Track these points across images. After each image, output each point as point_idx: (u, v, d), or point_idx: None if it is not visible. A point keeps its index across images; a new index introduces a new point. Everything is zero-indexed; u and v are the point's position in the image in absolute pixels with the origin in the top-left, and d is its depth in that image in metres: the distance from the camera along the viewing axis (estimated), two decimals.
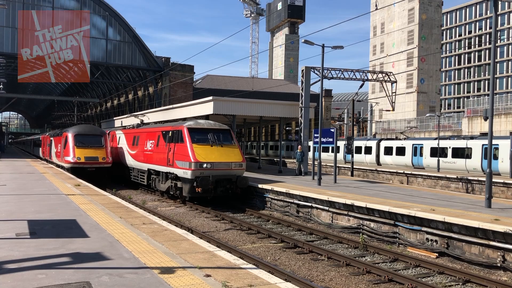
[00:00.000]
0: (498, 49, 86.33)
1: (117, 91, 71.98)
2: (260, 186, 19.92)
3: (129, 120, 46.63)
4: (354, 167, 32.58)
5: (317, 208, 16.72)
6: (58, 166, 31.34)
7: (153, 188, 23.54)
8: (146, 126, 27.68)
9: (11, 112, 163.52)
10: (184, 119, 28.97)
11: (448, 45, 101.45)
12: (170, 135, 20.80)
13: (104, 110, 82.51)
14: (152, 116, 35.86)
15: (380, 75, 31.33)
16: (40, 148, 45.06)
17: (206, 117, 26.52)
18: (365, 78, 29.72)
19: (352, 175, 31.78)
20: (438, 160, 32.65)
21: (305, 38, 28.65)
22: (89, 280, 6.37)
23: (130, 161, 26.81)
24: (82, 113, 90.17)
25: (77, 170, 26.11)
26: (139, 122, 31.12)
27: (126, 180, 28.25)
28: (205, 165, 18.33)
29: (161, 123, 28.55)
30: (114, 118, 58.88)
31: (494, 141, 25.39)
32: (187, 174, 18.46)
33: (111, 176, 29.63)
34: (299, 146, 26.96)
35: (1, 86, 43.47)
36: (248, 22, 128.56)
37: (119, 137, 30.12)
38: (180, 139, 19.51)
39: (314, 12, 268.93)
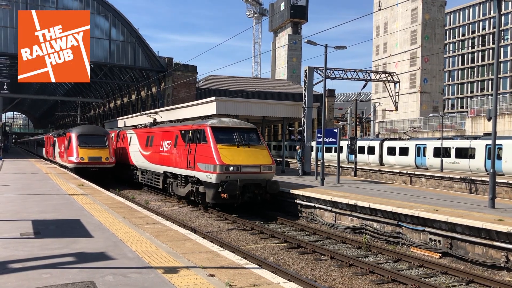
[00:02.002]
0: (502, 49, 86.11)
1: (120, 92, 72.18)
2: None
3: (134, 120, 46.58)
4: (357, 167, 32.55)
5: (320, 208, 16.72)
6: (61, 166, 31.43)
7: (169, 193, 21.80)
8: (161, 125, 25.94)
9: (15, 112, 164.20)
10: (188, 119, 28.91)
11: (451, 45, 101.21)
12: (190, 134, 19.03)
13: (107, 111, 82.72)
14: (155, 116, 35.82)
15: (383, 75, 31.30)
16: (44, 148, 45.22)
17: (210, 117, 26.51)
18: (368, 78, 29.70)
19: (355, 175, 31.76)
20: (442, 160, 32.59)
21: (308, 38, 28.65)
22: (94, 279, 6.40)
23: (143, 162, 25.04)
24: (85, 113, 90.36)
25: (81, 170, 26.19)
26: (152, 121, 29.25)
27: (129, 180, 28.23)
28: (231, 168, 16.56)
29: (178, 122, 27.06)
30: (118, 118, 59.01)
31: (498, 141, 25.33)
32: (211, 178, 16.65)
33: (119, 176, 29.25)
34: (297, 146, 27.18)
35: (5, 86, 43.69)
36: (251, 23, 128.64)
37: (130, 137, 28.13)
38: (203, 139, 17.77)
39: (317, 12, 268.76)
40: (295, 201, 17.98)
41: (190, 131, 19.13)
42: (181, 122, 25.12)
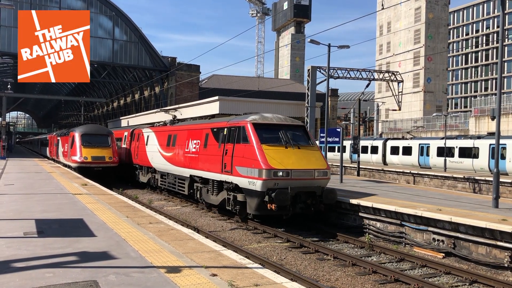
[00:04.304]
0: (506, 48, 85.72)
1: (123, 91, 72.31)
2: None
3: (139, 119, 46.61)
4: (360, 166, 32.50)
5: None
6: (65, 165, 31.52)
7: (197, 200, 19.46)
8: (184, 123, 23.46)
9: (19, 112, 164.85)
10: (194, 119, 28.78)
11: (455, 44, 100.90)
12: (225, 133, 16.37)
13: (110, 110, 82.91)
14: (156, 116, 35.71)
15: (386, 75, 31.24)
16: (47, 148, 45.38)
17: (212, 116, 26.42)
18: (371, 77, 29.66)
19: (358, 174, 31.71)
20: (445, 160, 32.49)
21: (311, 37, 28.65)
22: (96, 279, 6.41)
23: (163, 164, 22.44)
24: (89, 113, 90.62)
25: (84, 170, 26.27)
26: (172, 118, 26.47)
27: (132, 179, 28.23)
28: (280, 174, 13.93)
29: (207, 119, 24.70)
30: (121, 118, 59.13)
31: (502, 141, 25.22)
32: (255, 185, 14.04)
33: (130, 176, 28.65)
34: None
35: (8, 86, 43.85)
36: (254, 22, 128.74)
37: (148, 136, 25.46)
38: (243, 139, 15.16)
39: (320, 11, 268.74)
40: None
41: (225, 129, 16.48)
42: (211, 119, 22.54)
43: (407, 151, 37.15)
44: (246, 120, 15.50)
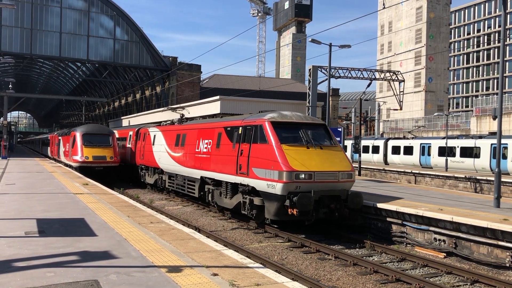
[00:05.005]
0: (507, 47, 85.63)
1: (124, 91, 72.35)
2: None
3: (139, 119, 46.54)
4: (361, 166, 32.48)
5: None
6: (66, 165, 31.56)
7: (208, 203, 18.42)
8: (194, 122, 22.55)
9: (20, 112, 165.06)
10: (192, 118, 28.76)
11: (456, 43, 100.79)
12: (240, 132, 15.38)
13: (111, 110, 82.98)
14: (157, 116, 35.70)
15: (387, 74, 31.21)
16: (49, 148, 45.43)
17: (213, 116, 26.39)
18: (373, 77, 29.64)
19: (359, 174, 31.70)
20: (446, 160, 32.47)
21: (313, 37, 28.65)
22: (97, 278, 6.41)
23: (171, 165, 21.46)
24: (90, 113, 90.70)
25: (85, 169, 26.31)
26: (180, 117, 25.46)
27: (134, 179, 28.24)
28: (302, 176, 12.92)
29: (218, 117, 23.62)
30: (122, 118, 59.15)
31: (503, 141, 25.21)
32: (275, 188, 13.06)
33: (132, 177, 28.40)
34: None
35: (10, 85, 43.90)
36: (255, 21, 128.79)
37: (154, 135, 24.53)
38: (261, 138, 14.18)
39: (321, 11, 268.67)
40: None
41: (241, 128, 15.49)
42: (223, 117, 21.63)
43: (409, 150, 37.14)
44: (264, 118, 14.52)
